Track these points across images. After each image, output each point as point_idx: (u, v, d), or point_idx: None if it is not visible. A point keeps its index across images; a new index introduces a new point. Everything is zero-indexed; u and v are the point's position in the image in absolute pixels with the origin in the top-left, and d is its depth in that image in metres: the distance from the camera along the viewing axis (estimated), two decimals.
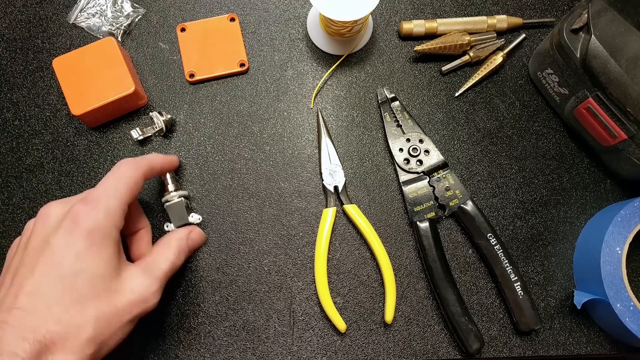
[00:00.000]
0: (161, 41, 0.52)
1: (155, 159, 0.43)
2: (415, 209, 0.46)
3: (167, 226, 0.46)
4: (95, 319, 0.34)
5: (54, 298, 0.33)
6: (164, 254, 0.40)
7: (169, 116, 0.49)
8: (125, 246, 0.42)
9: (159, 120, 0.48)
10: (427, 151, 0.48)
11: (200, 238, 0.45)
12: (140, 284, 0.37)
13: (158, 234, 0.47)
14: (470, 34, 0.51)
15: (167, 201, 0.46)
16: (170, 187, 0.46)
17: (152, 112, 0.48)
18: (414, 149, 0.48)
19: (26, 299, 0.33)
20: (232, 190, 0.49)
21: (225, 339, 0.45)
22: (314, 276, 0.46)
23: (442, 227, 0.48)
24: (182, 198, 0.46)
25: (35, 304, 0.33)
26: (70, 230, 0.34)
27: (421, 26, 0.51)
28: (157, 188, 0.48)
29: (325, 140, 0.49)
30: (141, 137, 0.48)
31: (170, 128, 0.49)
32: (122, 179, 0.38)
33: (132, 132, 0.48)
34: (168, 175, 0.46)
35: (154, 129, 0.48)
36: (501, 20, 0.51)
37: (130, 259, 0.42)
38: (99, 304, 0.34)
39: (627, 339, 0.43)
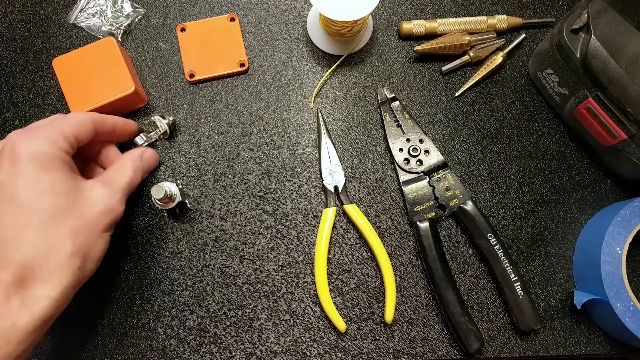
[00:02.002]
0: (161, 41, 0.52)
1: (109, 116, 0.44)
2: (415, 209, 0.46)
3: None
4: (71, 233, 0.35)
5: (20, 225, 0.33)
6: (121, 171, 0.42)
7: (171, 119, 0.49)
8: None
9: (162, 124, 0.48)
10: (427, 151, 0.48)
11: (153, 158, 0.47)
12: (103, 195, 0.38)
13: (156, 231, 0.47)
14: (470, 34, 0.51)
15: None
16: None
17: (153, 116, 0.48)
18: (414, 149, 0.48)
19: None
20: (232, 190, 0.49)
21: (225, 339, 0.45)
22: (314, 276, 0.46)
23: (442, 227, 0.48)
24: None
25: (5, 236, 0.33)
26: (13, 160, 0.35)
27: (421, 26, 0.51)
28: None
29: (325, 140, 0.49)
30: (146, 144, 0.48)
31: (173, 130, 0.49)
32: (65, 116, 0.39)
33: (136, 139, 0.48)
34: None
35: (157, 133, 0.48)
36: (501, 20, 0.51)
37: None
38: (69, 219, 0.35)
39: (627, 339, 0.43)
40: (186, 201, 0.47)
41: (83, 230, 0.36)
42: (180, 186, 0.47)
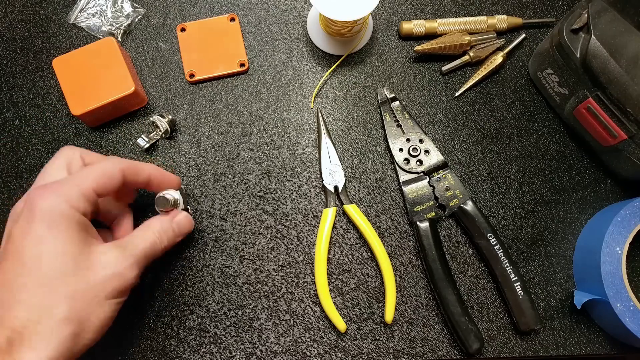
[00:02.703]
0: (161, 41, 0.52)
1: (145, 166, 0.41)
2: (415, 209, 0.46)
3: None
4: (68, 297, 0.33)
5: (18, 285, 0.32)
6: (142, 233, 0.39)
7: (170, 117, 0.49)
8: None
9: (162, 123, 0.48)
10: (427, 151, 0.48)
11: (187, 223, 0.43)
12: (112, 259, 0.36)
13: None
14: (470, 34, 0.51)
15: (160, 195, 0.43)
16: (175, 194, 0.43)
17: (152, 116, 0.48)
18: (414, 149, 0.48)
19: None
20: (232, 190, 0.49)
21: (225, 339, 0.45)
22: (314, 276, 0.46)
23: (442, 227, 0.48)
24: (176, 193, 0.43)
25: (1, 296, 0.32)
26: (27, 218, 0.34)
27: (421, 26, 0.51)
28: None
29: (325, 140, 0.49)
30: (148, 145, 0.48)
31: (173, 128, 0.49)
32: (93, 169, 0.37)
33: (138, 140, 0.48)
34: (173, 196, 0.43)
35: (158, 133, 0.48)
36: (501, 20, 0.51)
37: None
38: (70, 283, 0.33)
39: (627, 339, 0.43)
40: (188, 207, 0.45)
41: (82, 295, 0.33)
42: (185, 191, 0.45)
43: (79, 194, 0.35)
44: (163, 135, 0.48)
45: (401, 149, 0.48)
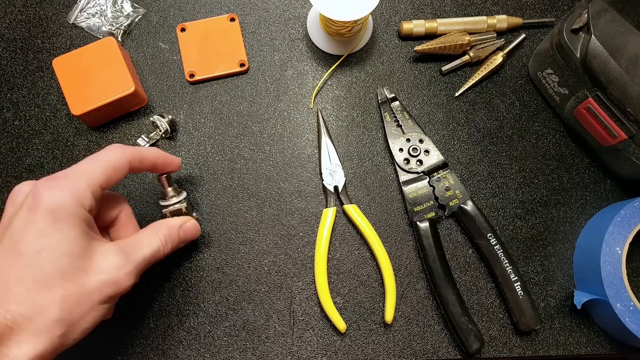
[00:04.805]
0: (161, 41, 0.52)
1: (149, 152, 0.40)
2: (415, 209, 0.46)
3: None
4: (62, 299, 0.32)
5: (13, 277, 0.32)
6: (148, 238, 0.38)
7: (170, 117, 0.49)
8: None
9: (162, 123, 0.48)
10: (427, 151, 0.48)
11: (194, 230, 0.43)
12: (111, 264, 0.35)
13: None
14: (470, 34, 0.51)
15: (166, 207, 0.43)
16: (169, 191, 0.43)
17: (152, 116, 0.48)
18: (414, 149, 0.48)
19: None
20: (232, 190, 0.49)
21: (225, 339, 0.45)
22: (314, 276, 0.46)
23: (442, 227, 0.48)
24: (183, 204, 0.44)
25: None
26: (31, 208, 0.33)
27: (421, 26, 0.51)
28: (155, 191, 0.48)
29: (325, 140, 0.49)
30: (148, 145, 0.48)
31: (173, 128, 0.49)
32: (101, 161, 0.36)
33: (138, 140, 0.48)
34: (164, 179, 0.43)
35: (158, 133, 0.48)
36: (501, 20, 0.51)
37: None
38: (65, 284, 0.33)
39: (627, 339, 0.43)
40: (194, 213, 0.45)
41: (76, 299, 0.33)
42: (197, 216, 0.46)
43: (87, 189, 0.34)
44: (163, 135, 0.48)
45: (401, 149, 0.48)
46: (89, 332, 0.35)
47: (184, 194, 0.44)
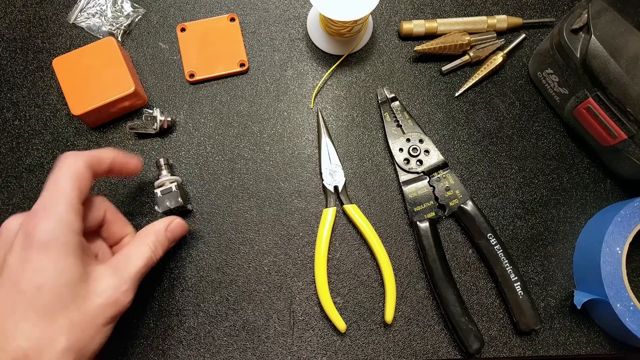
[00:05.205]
0: (161, 41, 0.52)
1: (105, 154, 0.39)
2: (415, 209, 0.46)
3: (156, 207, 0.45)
4: (68, 329, 0.33)
5: (19, 315, 0.33)
6: (137, 250, 0.39)
7: (169, 118, 0.49)
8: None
9: (156, 121, 0.48)
10: (427, 151, 0.48)
11: (181, 228, 0.43)
12: (108, 286, 0.36)
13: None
14: (470, 34, 0.51)
15: (160, 186, 0.45)
16: (164, 172, 0.46)
17: (154, 111, 0.48)
18: (414, 149, 0.48)
19: None
20: (232, 190, 0.49)
21: (225, 339, 0.45)
22: (314, 276, 0.46)
23: (442, 227, 0.48)
24: (176, 184, 0.45)
25: (2, 324, 0.33)
26: (24, 246, 0.33)
27: (421, 26, 0.51)
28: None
29: (325, 140, 0.49)
30: (134, 131, 0.48)
31: (169, 128, 0.49)
32: (66, 178, 0.36)
33: (128, 123, 0.48)
34: (162, 160, 0.46)
35: (150, 127, 0.48)
36: (501, 20, 0.51)
37: None
38: (69, 313, 0.34)
39: (627, 339, 0.43)
40: (188, 205, 0.47)
41: (81, 326, 0.34)
42: (191, 207, 0.47)
43: (70, 212, 0.35)
44: (153, 130, 0.48)
45: (401, 149, 0.48)
46: (96, 355, 0.36)
47: (178, 178, 0.46)
